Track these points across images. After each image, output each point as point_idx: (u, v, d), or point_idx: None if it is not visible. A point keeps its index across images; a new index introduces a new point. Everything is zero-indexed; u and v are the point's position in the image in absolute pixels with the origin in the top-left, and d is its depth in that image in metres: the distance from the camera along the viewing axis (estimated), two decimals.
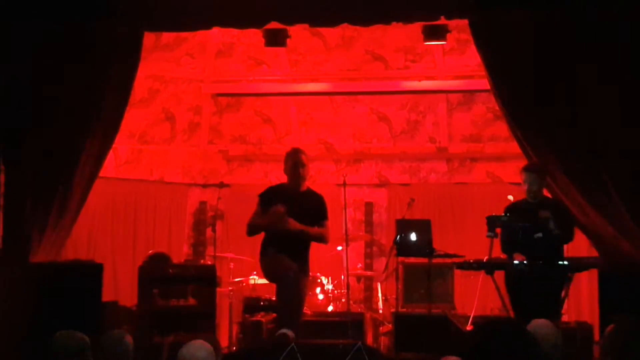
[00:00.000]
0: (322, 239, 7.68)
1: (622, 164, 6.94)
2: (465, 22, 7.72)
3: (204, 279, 8.29)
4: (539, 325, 4.53)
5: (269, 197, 7.63)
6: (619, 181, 6.94)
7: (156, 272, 8.38)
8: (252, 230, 7.66)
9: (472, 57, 9.51)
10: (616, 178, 6.94)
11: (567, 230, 7.43)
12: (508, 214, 7.48)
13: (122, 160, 11.48)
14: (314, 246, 7.83)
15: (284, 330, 7.11)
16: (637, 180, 6.89)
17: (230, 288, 9.73)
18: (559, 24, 7.21)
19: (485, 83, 8.03)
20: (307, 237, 7.60)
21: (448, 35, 9.43)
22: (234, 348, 8.93)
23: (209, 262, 9.68)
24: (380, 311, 10.15)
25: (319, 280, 9.85)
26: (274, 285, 7.79)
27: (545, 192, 7.67)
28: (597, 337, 7.34)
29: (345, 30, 10.67)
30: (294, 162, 7.66)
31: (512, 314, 7.45)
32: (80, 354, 4.94)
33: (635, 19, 6.88)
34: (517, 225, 7.36)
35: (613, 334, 4.48)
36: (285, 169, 7.71)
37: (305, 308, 9.10)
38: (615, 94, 7.00)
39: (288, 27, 9.04)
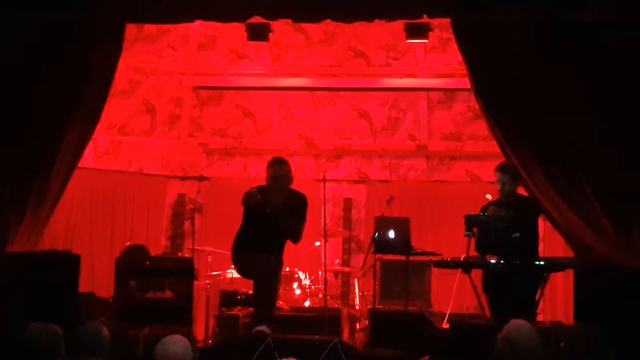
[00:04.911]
0: (296, 233, 7.65)
1: (600, 166, 6.97)
2: (448, 20, 7.71)
3: (182, 272, 8.25)
4: (517, 325, 4.56)
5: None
6: (596, 183, 6.96)
7: (133, 264, 8.34)
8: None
9: (454, 56, 9.53)
10: (594, 180, 6.96)
11: (528, 233, 7.49)
12: (486, 214, 7.52)
13: (101, 151, 11.43)
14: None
15: (260, 328, 7.13)
16: (614, 182, 6.91)
17: (207, 281, 9.72)
18: (542, 25, 7.21)
19: (466, 82, 8.03)
20: (288, 226, 7.57)
21: (430, 33, 9.47)
22: (210, 342, 8.93)
23: (187, 255, 9.66)
24: (357, 307, 10.17)
25: (296, 276, 9.87)
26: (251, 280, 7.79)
27: (522, 190, 7.71)
28: None
29: (327, 26, 10.68)
30: (274, 175, 7.65)
31: (488, 313, 7.49)
32: (53, 346, 4.89)
33: (619, 22, 6.90)
34: (494, 225, 7.39)
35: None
36: (267, 177, 7.70)
37: (282, 303, 9.13)
38: (596, 96, 7.02)
39: (271, 22, 9.03)
